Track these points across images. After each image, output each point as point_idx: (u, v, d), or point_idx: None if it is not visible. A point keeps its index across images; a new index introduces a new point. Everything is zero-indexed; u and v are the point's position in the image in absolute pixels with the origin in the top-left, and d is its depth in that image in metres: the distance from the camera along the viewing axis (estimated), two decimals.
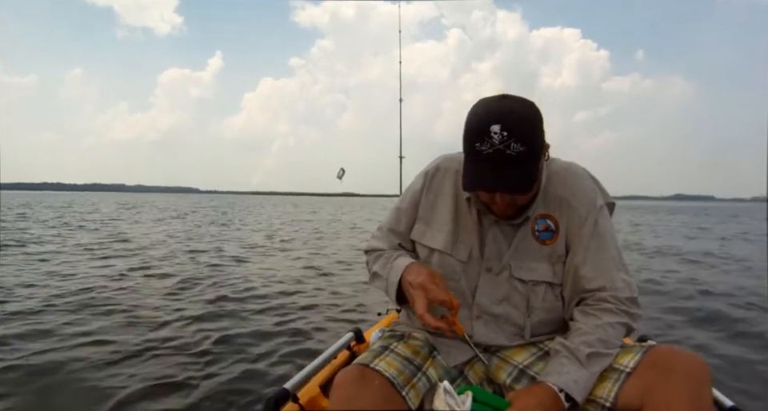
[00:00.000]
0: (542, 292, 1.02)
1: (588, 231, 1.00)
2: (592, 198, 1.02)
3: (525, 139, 0.87)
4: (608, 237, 1.01)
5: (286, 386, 1.21)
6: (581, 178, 1.05)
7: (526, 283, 1.02)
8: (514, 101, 0.91)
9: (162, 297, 4.52)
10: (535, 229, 1.02)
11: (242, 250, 8.48)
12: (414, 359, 0.99)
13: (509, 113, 0.88)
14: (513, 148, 0.86)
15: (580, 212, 1.01)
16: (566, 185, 1.03)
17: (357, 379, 0.90)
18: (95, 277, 5.36)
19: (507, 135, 0.86)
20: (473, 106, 0.94)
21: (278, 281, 5.51)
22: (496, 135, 0.86)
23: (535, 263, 1.02)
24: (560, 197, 1.02)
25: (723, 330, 3.60)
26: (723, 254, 8.76)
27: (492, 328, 1.04)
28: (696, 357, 0.84)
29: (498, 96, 0.93)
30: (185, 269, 6.21)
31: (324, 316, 3.90)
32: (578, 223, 1.01)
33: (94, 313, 3.80)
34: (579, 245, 1.00)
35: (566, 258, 1.01)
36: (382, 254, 1.12)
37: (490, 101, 0.92)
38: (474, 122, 0.90)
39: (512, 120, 0.87)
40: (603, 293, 0.97)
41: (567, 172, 1.05)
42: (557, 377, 0.87)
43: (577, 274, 1.00)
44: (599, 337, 0.91)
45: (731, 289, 5.21)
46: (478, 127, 0.88)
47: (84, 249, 7.85)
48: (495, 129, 0.86)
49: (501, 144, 0.86)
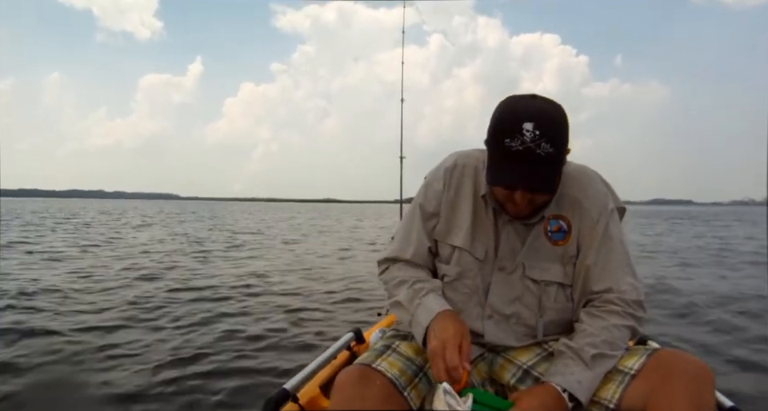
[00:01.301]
0: (553, 292, 1.01)
1: (599, 233, 1.00)
2: (604, 201, 1.02)
3: (554, 140, 0.87)
4: (617, 240, 1.00)
5: (285, 386, 1.20)
6: (594, 181, 1.05)
7: (539, 283, 1.01)
8: (547, 102, 0.91)
9: (162, 295, 4.53)
10: (548, 230, 1.01)
11: (231, 248, 8.48)
12: (415, 359, 0.98)
13: (542, 113, 0.88)
14: (543, 148, 0.86)
15: (592, 214, 1.00)
16: (579, 187, 1.02)
17: (358, 379, 0.89)
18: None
19: (539, 134, 0.85)
20: (502, 102, 0.93)
21: (277, 280, 5.51)
22: (528, 133, 0.85)
23: (547, 263, 1.01)
24: (573, 199, 1.01)
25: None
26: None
27: (503, 328, 1.04)
28: (700, 360, 0.84)
29: (529, 95, 0.93)
30: (185, 266, 6.21)
31: (324, 316, 3.89)
32: (590, 225, 1.00)
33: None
34: (589, 246, 1.00)
35: (576, 259, 1.01)
36: (406, 280, 1.03)
37: (522, 99, 0.92)
38: (505, 117, 0.89)
39: (545, 120, 0.87)
40: (610, 294, 0.96)
41: (581, 174, 1.05)
42: (560, 378, 0.86)
43: (585, 276, 0.99)
44: (604, 339, 0.90)
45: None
46: (511, 123, 0.87)
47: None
48: (528, 127, 0.85)
49: (532, 142, 0.85)
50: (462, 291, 1.05)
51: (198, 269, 6.41)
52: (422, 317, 0.96)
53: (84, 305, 4.13)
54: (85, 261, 7.01)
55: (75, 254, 7.93)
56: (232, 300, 4.44)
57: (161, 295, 4.58)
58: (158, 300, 4.37)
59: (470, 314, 1.04)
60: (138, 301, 4.29)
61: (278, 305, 4.25)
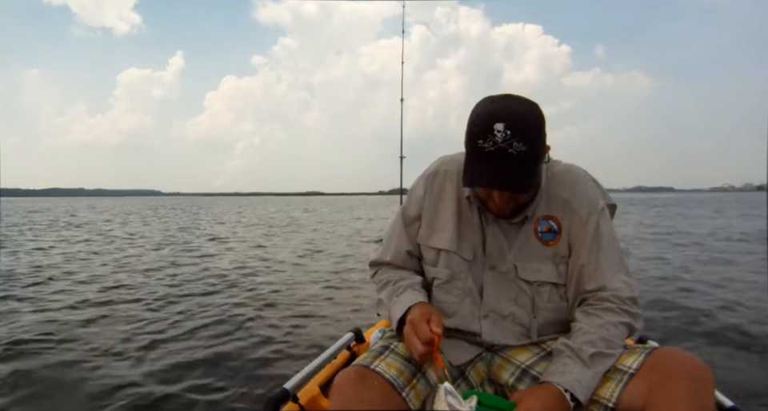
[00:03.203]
0: (546, 292, 1.02)
1: (589, 232, 1.00)
2: (593, 200, 1.03)
3: (527, 139, 0.87)
4: (609, 238, 1.01)
5: (286, 386, 1.21)
6: (582, 180, 1.05)
7: (531, 284, 1.02)
8: (518, 101, 0.92)
9: (160, 292, 4.52)
10: (538, 230, 1.02)
11: (214, 242, 8.46)
12: (414, 359, 0.98)
13: (513, 113, 0.88)
14: (515, 147, 0.86)
15: (581, 213, 1.01)
16: (568, 187, 1.03)
17: (356, 380, 0.89)
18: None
19: (510, 134, 0.86)
20: (477, 104, 0.94)
21: (276, 280, 5.50)
22: (499, 133, 0.86)
23: (539, 264, 1.02)
24: (562, 199, 1.02)
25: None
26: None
27: (499, 327, 1.04)
28: (699, 359, 0.84)
29: (501, 95, 0.94)
30: (183, 269, 6.21)
31: (324, 316, 3.89)
32: (580, 224, 1.01)
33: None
34: (581, 245, 1.00)
35: (569, 259, 1.02)
36: (390, 280, 1.10)
37: (494, 100, 0.93)
38: (477, 120, 0.90)
39: (515, 119, 0.87)
40: (604, 293, 0.97)
41: (568, 174, 1.05)
42: (560, 377, 0.86)
43: (578, 275, 1.00)
44: (602, 336, 0.90)
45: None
46: (482, 125, 0.88)
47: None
48: (499, 127, 0.86)
49: (503, 142, 0.86)
50: (455, 293, 1.06)
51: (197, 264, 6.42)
52: (396, 312, 1.01)
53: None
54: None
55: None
56: (231, 299, 4.44)
57: (160, 290, 4.60)
58: (162, 293, 4.38)
59: (465, 314, 1.04)
60: (145, 298, 4.30)
61: (278, 304, 4.26)
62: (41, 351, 2.96)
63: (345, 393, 0.88)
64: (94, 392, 2.37)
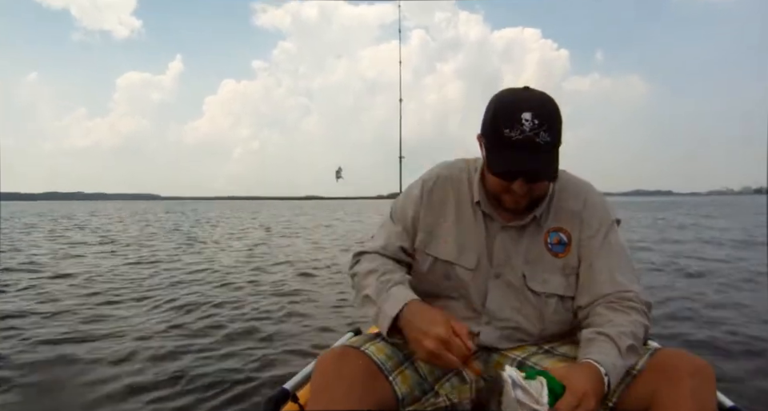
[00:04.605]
0: (553, 304, 1.00)
1: (600, 241, 1.00)
2: (604, 212, 1.03)
3: (553, 129, 0.88)
4: (620, 248, 1.01)
5: (285, 386, 1.20)
6: (592, 192, 1.06)
7: (539, 295, 1.00)
8: (541, 93, 0.93)
9: (158, 292, 4.52)
10: (548, 242, 1.01)
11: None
12: (404, 348, 0.96)
13: (539, 103, 0.89)
14: (542, 137, 0.87)
15: (592, 224, 1.01)
16: (578, 199, 1.03)
17: (339, 356, 0.88)
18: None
19: (538, 124, 0.87)
20: (498, 95, 0.94)
21: (276, 280, 5.50)
22: (527, 122, 0.87)
23: (548, 275, 1.00)
24: (572, 211, 1.02)
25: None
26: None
27: (500, 334, 1.03)
28: (701, 360, 0.83)
29: (522, 87, 0.94)
30: (183, 267, 6.20)
31: (324, 316, 3.89)
32: (590, 234, 1.01)
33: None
34: (596, 255, 0.99)
35: (578, 270, 1.00)
36: (376, 270, 1.01)
37: (517, 91, 0.93)
38: (503, 110, 0.90)
39: (542, 110, 0.88)
40: (628, 293, 0.95)
41: (577, 186, 1.06)
42: (600, 357, 0.82)
43: (591, 281, 0.98)
44: (633, 332, 0.88)
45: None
46: (509, 114, 0.88)
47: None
48: (527, 116, 0.87)
49: (531, 131, 0.86)
50: (456, 304, 1.04)
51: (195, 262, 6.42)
52: (389, 307, 0.93)
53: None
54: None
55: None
56: (232, 299, 4.43)
57: (159, 285, 4.59)
58: (162, 289, 4.37)
59: (465, 322, 1.01)
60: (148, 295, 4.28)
61: (277, 302, 4.25)
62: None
63: (324, 368, 0.87)
64: (85, 394, 2.35)
